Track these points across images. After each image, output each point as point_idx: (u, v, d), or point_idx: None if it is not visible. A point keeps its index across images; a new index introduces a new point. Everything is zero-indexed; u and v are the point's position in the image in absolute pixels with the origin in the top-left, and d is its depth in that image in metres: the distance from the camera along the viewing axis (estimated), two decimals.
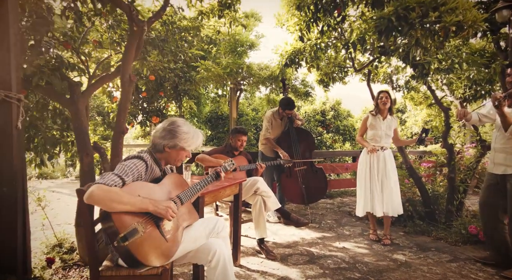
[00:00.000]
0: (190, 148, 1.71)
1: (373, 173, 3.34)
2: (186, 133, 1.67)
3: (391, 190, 3.26)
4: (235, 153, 3.44)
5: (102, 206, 1.34)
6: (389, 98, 3.34)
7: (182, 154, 1.70)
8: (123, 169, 1.45)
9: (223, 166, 2.04)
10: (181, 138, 1.65)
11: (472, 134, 3.84)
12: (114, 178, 1.39)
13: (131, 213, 1.38)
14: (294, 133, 4.02)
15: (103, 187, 1.33)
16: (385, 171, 3.31)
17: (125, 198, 1.35)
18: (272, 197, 3.08)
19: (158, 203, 1.45)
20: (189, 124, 1.73)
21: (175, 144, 1.65)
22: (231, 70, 4.12)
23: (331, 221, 4.22)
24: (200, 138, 1.74)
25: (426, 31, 2.36)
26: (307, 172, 4.04)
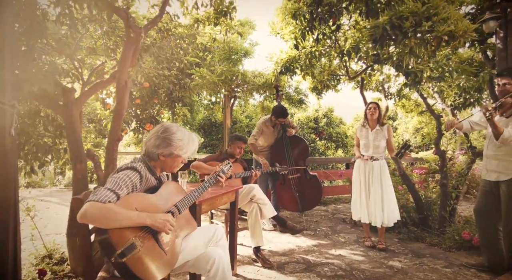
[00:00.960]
0: (186, 155, 1.66)
1: (365, 182, 3.41)
2: (181, 140, 1.62)
3: (382, 201, 3.29)
4: (230, 160, 3.42)
5: (97, 224, 1.29)
6: (377, 109, 3.40)
7: (178, 160, 1.66)
8: (116, 182, 1.40)
9: (220, 169, 2.02)
10: (176, 146, 1.60)
11: (463, 141, 3.92)
12: (107, 194, 1.33)
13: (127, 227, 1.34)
14: (288, 140, 4.03)
15: (96, 205, 1.28)
16: (376, 181, 3.34)
17: (120, 214, 1.31)
18: (268, 205, 3.06)
19: (155, 216, 1.41)
20: (183, 129, 1.68)
21: (171, 152, 1.60)
22: (226, 77, 4.13)
23: (326, 228, 4.21)
24: (195, 143, 1.70)
25: (419, 40, 2.42)
26: (300, 179, 4.04)
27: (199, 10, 3.00)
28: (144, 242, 1.37)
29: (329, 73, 3.69)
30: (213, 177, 1.88)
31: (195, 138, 1.72)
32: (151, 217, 1.40)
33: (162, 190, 1.59)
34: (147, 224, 1.39)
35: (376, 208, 3.29)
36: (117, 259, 1.26)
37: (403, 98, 5.89)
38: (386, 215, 3.28)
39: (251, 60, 4.47)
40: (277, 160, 4.10)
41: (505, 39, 3.50)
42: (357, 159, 3.53)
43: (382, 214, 3.29)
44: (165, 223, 1.42)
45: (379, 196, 3.32)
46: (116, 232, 1.30)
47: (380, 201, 3.30)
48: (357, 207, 3.49)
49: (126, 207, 1.36)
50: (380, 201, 3.30)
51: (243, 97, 5.66)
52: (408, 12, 2.26)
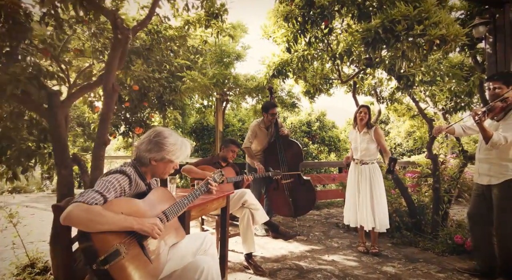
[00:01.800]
0: (178, 160, 1.62)
1: (357, 186, 3.40)
2: (174, 144, 1.58)
3: (372, 205, 3.27)
4: (222, 164, 3.36)
5: (81, 227, 1.22)
6: (367, 114, 3.39)
7: (170, 166, 1.61)
8: (104, 185, 1.34)
9: (212, 177, 1.96)
10: (168, 151, 1.56)
11: (454, 145, 3.94)
12: (94, 196, 1.28)
13: (113, 232, 1.27)
14: (281, 144, 3.99)
15: (82, 206, 1.22)
16: (365, 185, 3.33)
17: (107, 217, 1.25)
18: (260, 210, 3.00)
19: (143, 220, 1.35)
20: (175, 134, 1.64)
21: (163, 157, 1.56)
22: (218, 80, 4.08)
23: (319, 233, 4.16)
24: (188, 148, 1.66)
25: (411, 44, 2.41)
26: (294, 184, 3.99)
27: (190, 12, 2.95)
28: (129, 249, 1.30)
29: (321, 77, 3.67)
30: (204, 185, 1.82)
31: (188, 144, 1.67)
32: (139, 221, 1.34)
33: (151, 196, 1.52)
34: (134, 229, 1.32)
35: (367, 213, 3.27)
36: (99, 266, 1.19)
37: (395, 102, 5.92)
38: (378, 220, 3.26)
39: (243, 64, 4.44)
40: (270, 164, 4.05)
41: (494, 44, 3.53)
42: (351, 162, 3.53)
43: (373, 218, 3.27)
44: (153, 227, 1.35)
45: (369, 200, 3.30)
46: (99, 237, 1.24)
47: (369, 205, 3.28)
48: (348, 211, 3.47)
49: (112, 211, 1.30)
50: (370, 206, 3.28)
51: (236, 100, 5.62)
52: (400, 16, 2.25)
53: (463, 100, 4.45)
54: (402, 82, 3.34)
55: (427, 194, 4.31)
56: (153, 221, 1.37)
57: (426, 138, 4.12)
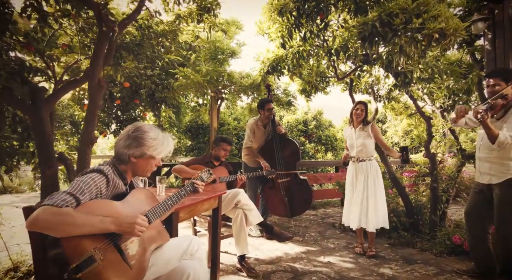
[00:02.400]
0: (160, 156, 1.51)
1: (353, 185, 3.32)
2: (154, 139, 1.48)
3: (373, 203, 3.18)
4: (215, 163, 3.27)
5: (51, 232, 1.11)
6: (364, 111, 3.30)
7: (152, 163, 1.50)
8: (78, 186, 1.23)
9: (199, 176, 1.86)
10: (149, 146, 1.46)
11: (452, 143, 3.87)
12: (65, 198, 1.16)
13: (87, 237, 1.17)
14: (278, 142, 3.90)
15: (50, 210, 1.11)
16: (361, 183, 3.24)
17: (80, 219, 1.14)
18: (254, 210, 2.91)
19: (121, 220, 1.24)
20: (156, 129, 1.54)
21: (143, 152, 1.45)
22: (211, 77, 3.98)
23: (315, 234, 4.08)
24: (170, 144, 1.55)
25: (410, 39, 2.33)
26: (290, 183, 3.90)
27: (181, 6, 2.85)
28: (105, 255, 1.20)
29: (317, 74, 3.57)
30: (190, 185, 1.71)
31: (170, 140, 1.56)
32: (116, 221, 1.23)
33: (131, 197, 1.42)
34: (112, 230, 1.22)
35: (367, 212, 3.18)
36: (71, 274, 1.09)
37: (393, 100, 5.84)
38: (377, 218, 3.17)
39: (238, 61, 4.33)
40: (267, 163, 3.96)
41: (493, 40, 3.46)
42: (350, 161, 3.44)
43: (366, 218, 3.19)
44: (134, 226, 1.24)
45: (366, 199, 3.21)
46: (71, 243, 1.13)
47: (370, 204, 3.18)
48: (346, 211, 3.39)
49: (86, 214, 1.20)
50: (366, 205, 3.19)
51: (231, 99, 5.52)
52: (398, 9, 2.16)
53: (461, 98, 4.38)
54: (399, 79, 3.26)
55: (425, 193, 4.24)
56: (132, 219, 1.26)
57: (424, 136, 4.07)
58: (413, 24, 2.16)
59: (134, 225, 1.24)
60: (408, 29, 2.21)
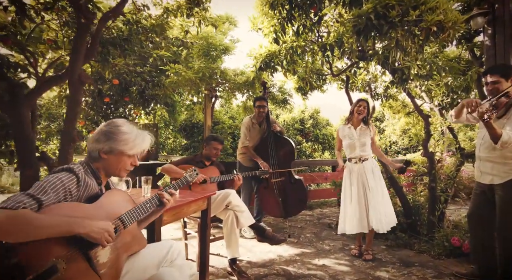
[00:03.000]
0: (132, 152, 1.38)
1: (361, 187, 3.11)
2: (126, 133, 1.36)
3: (378, 204, 3.04)
4: (206, 163, 3.16)
5: (6, 237, 1.00)
6: (366, 108, 3.19)
7: (125, 161, 1.37)
8: (41, 187, 1.11)
9: (183, 177, 1.75)
10: (119, 140, 1.33)
11: (451, 142, 3.77)
12: (22, 199, 1.04)
13: (50, 243, 1.06)
14: (272, 140, 3.79)
15: (3, 213, 0.98)
16: (367, 185, 3.08)
17: (39, 221, 1.01)
18: (246, 212, 2.80)
19: (91, 223, 1.12)
20: (130, 125, 1.42)
21: (112, 148, 1.33)
22: (204, 74, 3.86)
23: (311, 235, 3.98)
24: (146, 141, 1.42)
25: (406, 33, 2.22)
26: (284, 183, 3.79)
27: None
28: (70, 264, 1.08)
29: (312, 71, 3.46)
30: (155, 198, 1.50)
31: (147, 136, 1.44)
32: (85, 225, 1.10)
33: (104, 200, 1.30)
34: (80, 233, 1.09)
35: (378, 213, 3.02)
36: None
37: (390, 98, 5.74)
38: (387, 219, 3.06)
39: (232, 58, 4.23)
40: None
41: (493, 36, 3.35)
42: (347, 163, 3.29)
43: (383, 218, 3.04)
44: (103, 234, 1.13)
45: (380, 199, 3.07)
46: (30, 251, 1.01)
47: (381, 204, 3.06)
48: (347, 218, 3.14)
49: None
50: (382, 204, 3.06)
51: (226, 97, 5.41)
52: (394, 0, 2.05)
53: (460, 95, 4.27)
54: (396, 76, 3.15)
55: (423, 193, 4.15)
56: (105, 225, 1.15)
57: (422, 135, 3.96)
58: (410, 17, 2.05)
59: (104, 232, 1.13)
60: (404, 22, 2.10)
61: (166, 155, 7.69)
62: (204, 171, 3.04)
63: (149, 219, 1.52)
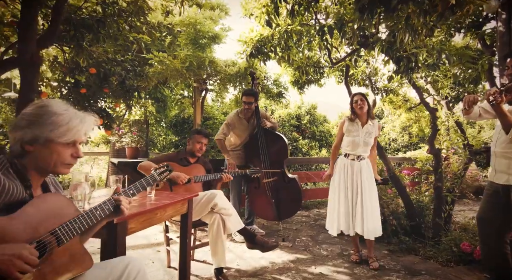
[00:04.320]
0: (67, 139, 1.03)
1: (346, 187, 2.88)
2: (55, 114, 1.02)
3: (367, 209, 2.76)
4: (191, 160, 2.83)
5: None
6: (365, 101, 2.88)
7: (59, 151, 1.03)
8: None
9: (149, 174, 1.43)
10: (46, 124, 1.00)
11: (459, 137, 3.48)
12: None
13: None
14: (263, 137, 3.47)
15: None
16: (360, 185, 2.82)
17: None
18: (234, 215, 2.49)
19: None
20: (65, 104, 1.08)
21: (36, 135, 0.99)
22: (191, 64, 3.53)
23: (306, 238, 3.68)
24: (86, 122, 1.08)
25: (418, 9, 1.91)
26: (277, 183, 3.47)
27: None
28: None
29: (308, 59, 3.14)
30: (108, 202, 1.16)
31: (88, 116, 1.10)
32: None
33: (29, 209, 0.97)
34: None
35: (365, 217, 2.76)
36: None
37: (391, 93, 5.45)
38: (374, 226, 2.77)
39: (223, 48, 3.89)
40: (250, 160, 3.54)
41: (507, 21, 3.04)
42: (342, 158, 3.02)
43: (370, 224, 2.76)
44: (11, 262, 0.80)
45: (368, 202, 2.79)
46: None
47: (370, 209, 2.78)
48: (335, 216, 2.92)
49: None
50: (370, 210, 2.78)
51: (218, 90, 5.08)
52: None
53: (467, 88, 3.98)
54: (402, 64, 2.85)
55: (427, 193, 3.86)
56: (14, 249, 0.82)
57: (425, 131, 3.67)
58: None
59: (13, 259, 0.80)
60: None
61: (157, 152, 7.35)
62: (188, 170, 2.72)
63: (95, 229, 1.20)
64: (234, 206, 3.67)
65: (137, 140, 5.87)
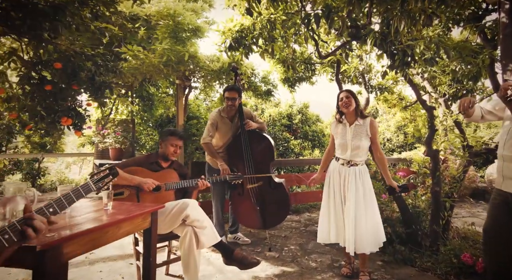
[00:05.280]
0: None
1: (339, 193, 2.58)
2: None
3: (356, 219, 2.45)
4: (163, 164, 2.54)
5: None
6: (351, 99, 2.59)
7: None
8: None
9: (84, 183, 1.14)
10: None
11: (458, 138, 3.23)
12: None
13: None
14: (247, 138, 3.18)
15: None
16: (352, 192, 2.49)
17: None
18: (208, 228, 2.20)
19: None
20: None
21: None
22: (169, 59, 3.24)
23: (295, 247, 3.41)
24: None
25: None
26: (262, 189, 3.19)
27: None
28: None
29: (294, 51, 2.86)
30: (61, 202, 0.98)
31: None
32: None
33: None
34: None
35: (352, 229, 2.45)
36: None
37: (385, 91, 5.20)
38: (367, 240, 2.48)
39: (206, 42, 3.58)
40: (233, 164, 3.25)
41: (510, 11, 2.82)
42: (333, 161, 2.75)
43: (358, 237, 2.45)
44: None
45: (361, 213, 2.49)
46: None
47: (361, 220, 2.48)
48: (325, 224, 2.66)
49: None
50: (362, 220, 2.48)
51: (202, 88, 4.79)
52: None
53: (465, 86, 3.74)
54: (397, 58, 2.59)
55: (424, 198, 3.61)
56: None
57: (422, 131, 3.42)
58: None
59: None
60: None
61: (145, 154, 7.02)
62: (159, 175, 2.42)
63: None
64: (216, 214, 3.40)
65: (121, 141, 5.56)
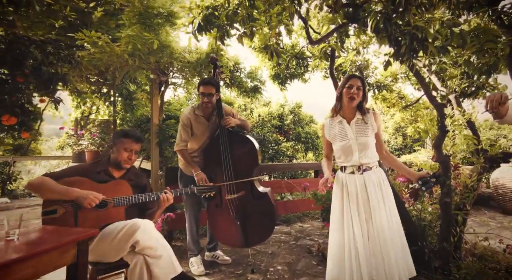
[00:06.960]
0: None
1: (351, 213, 1.97)
2: None
3: (386, 243, 1.88)
4: (114, 173, 2.03)
5: None
6: (361, 91, 2.08)
7: None
8: None
9: None
10: None
11: (471, 141, 2.77)
12: None
13: None
14: (226, 140, 2.69)
15: None
16: (378, 208, 1.93)
17: None
18: (164, 257, 1.70)
19: None
20: None
21: None
22: (135, 47, 2.75)
23: (282, 268, 2.92)
24: None
25: None
26: (244, 200, 2.69)
27: None
28: None
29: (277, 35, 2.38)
30: None
31: None
32: None
33: None
34: None
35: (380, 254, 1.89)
36: None
37: (384, 89, 4.77)
38: (403, 265, 1.94)
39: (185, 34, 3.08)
40: (209, 170, 2.76)
41: None
42: (338, 174, 2.16)
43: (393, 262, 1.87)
44: None
45: (386, 232, 1.91)
46: None
47: (388, 240, 1.90)
48: (337, 258, 1.99)
49: None
50: (389, 240, 1.90)
51: (182, 84, 4.30)
52: None
53: (475, 81, 3.30)
54: (403, 43, 2.13)
55: (431, 209, 3.15)
56: None
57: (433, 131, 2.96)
58: None
59: None
60: None
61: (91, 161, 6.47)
62: (107, 188, 1.91)
63: None
64: (190, 229, 2.89)
65: (98, 143, 5.07)
